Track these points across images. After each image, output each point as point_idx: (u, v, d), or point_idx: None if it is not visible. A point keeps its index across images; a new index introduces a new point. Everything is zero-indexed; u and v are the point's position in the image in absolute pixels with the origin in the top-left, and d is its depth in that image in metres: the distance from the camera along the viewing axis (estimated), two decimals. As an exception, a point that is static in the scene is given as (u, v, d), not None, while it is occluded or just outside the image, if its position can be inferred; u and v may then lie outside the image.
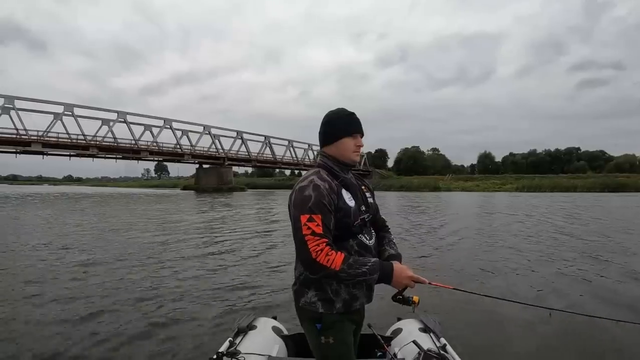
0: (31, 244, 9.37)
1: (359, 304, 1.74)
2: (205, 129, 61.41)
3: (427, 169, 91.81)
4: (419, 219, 16.29)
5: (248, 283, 5.94)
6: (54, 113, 48.70)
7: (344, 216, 1.69)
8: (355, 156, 1.80)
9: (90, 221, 15.42)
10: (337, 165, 1.77)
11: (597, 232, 11.82)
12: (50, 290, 5.38)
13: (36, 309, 4.66)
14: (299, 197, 1.66)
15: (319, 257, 1.57)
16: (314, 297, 1.70)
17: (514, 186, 61.19)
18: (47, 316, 4.42)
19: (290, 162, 73.20)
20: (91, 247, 9.00)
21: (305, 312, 1.73)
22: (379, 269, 1.65)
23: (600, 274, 6.46)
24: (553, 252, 8.40)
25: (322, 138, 1.82)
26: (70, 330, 4.02)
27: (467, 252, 8.68)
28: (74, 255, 7.93)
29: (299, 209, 1.63)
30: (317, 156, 1.86)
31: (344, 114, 1.81)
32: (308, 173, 1.76)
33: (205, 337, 3.88)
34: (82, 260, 7.46)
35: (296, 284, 1.76)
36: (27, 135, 46.76)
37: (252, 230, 12.74)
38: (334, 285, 1.68)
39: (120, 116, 53.44)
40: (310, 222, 1.59)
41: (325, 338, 1.69)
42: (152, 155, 58.47)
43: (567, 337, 3.81)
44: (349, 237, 1.71)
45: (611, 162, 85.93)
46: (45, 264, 7.09)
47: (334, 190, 1.69)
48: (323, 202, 1.63)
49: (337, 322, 1.70)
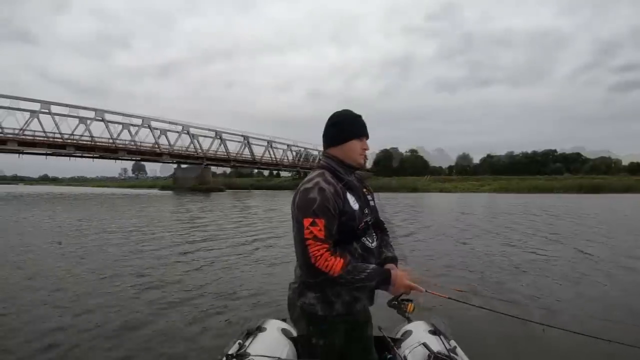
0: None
1: (360, 306, 1.76)
2: (184, 128, 61.24)
3: (405, 170, 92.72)
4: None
5: (256, 284, 6.01)
6: (31, 111, 48.14)
7: (349, 219, 1.68)
8: (361, 159, 1.80)
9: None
10: (341, 167, 1.77)
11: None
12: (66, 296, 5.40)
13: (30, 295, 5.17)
14: (303, 199, 1.64)
15: (318, 263, 1.57)
16: (314, 299, 1.70)
17: (492, 187, 61.48)
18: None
19: (270, 162, 73.30)
20: (91, 248, 9.16)
21: (302, 312, 1.73)
22: (377, 275, 1.67)
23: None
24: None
25: (328, 139, 1.81)
26: (74, 329, 4.13)
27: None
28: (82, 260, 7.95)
29: (303, 212, 1.62)
30: (319, 157, 2.14)
31: (352, 116, 1.81)
32: (312, 174, 1.73)
33: (214, 339, 3.89)
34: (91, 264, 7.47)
35: (296, 283, 1.76)
36: (3, 134, 46.25)
37: (255, 230, 12.92)
38: (336, 287, 1.68)
39: (98, 114, 53.07)
40: (313, 227, 1.59)
41: (315, 339, 1.72)
42: (130, 154, 58.10)
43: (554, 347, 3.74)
44: (353, 240, 1.71)
45: (587, 164, 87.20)
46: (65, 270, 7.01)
47: (339, 194, 1.67)
48: (327, 207, 1.62)
49: (330, 326, 1.72)
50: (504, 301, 5.13)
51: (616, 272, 7.01)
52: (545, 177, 70.67)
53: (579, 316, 4.63)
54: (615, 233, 12.35)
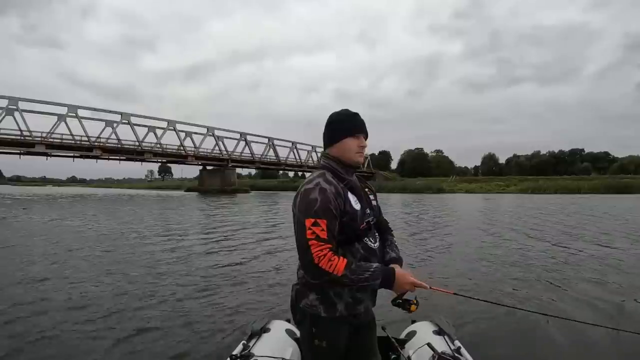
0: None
1: (362, 307, 1.73)
2: (209, 130, 61.44)
3: (430, 170, 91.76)
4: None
5: (262, 284, 5.94)
6: (58, 114, 48.72)
7: (350, 220, 1.66)
8: (358, 157, 1.76)
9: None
10: (340, 166, 1.73)
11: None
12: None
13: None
14: (304, 200, 1.62)
15: (322, 263, 1.54)
16: (316, 301, 1.68)
17: (518, 188, 60.89)
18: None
19: (294, 164, 73.11)
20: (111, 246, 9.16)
21: (304, 313, 1.71)
22: (381, 274, 1.64)
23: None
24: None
25: (325, 139, 1.79)
26: (85, 330, 4.03)
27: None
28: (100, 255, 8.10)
29: (304, 213, 1.60)
30: (320, 157, 1.82)
31: (347, 114, 1.78)
32: (313, 175, 1.72)
33: (219, 339, 3.86)
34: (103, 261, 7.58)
35: (299, 284, 1.74)
36: (31, 137, 46.75)
37: (271, 231, 12.68)
38: (337, 288, 1.65)
39: (124, 118, 53.45)
40: (315, 227, 1.57)
41: (318, 341, 1.68)
42: (156, 156, 58.50)
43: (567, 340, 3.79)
44: (354, 240, 1.69)
45: (615, 163, 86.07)
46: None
47: (341, 194, 1.65)
48: (329, 207, 1.60)
49: (333, 327, 1.69)
50: (509, 296, 5.30)
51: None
52: (572, 177, 69.87)
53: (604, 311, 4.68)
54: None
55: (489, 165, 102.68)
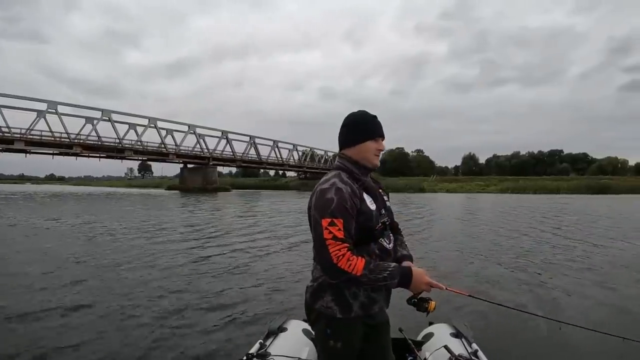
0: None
1: (377, 307, 1.75)
2: (190, 128, 61.24)
3: (412, 170, 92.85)
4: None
5: (278, 284, 6.05)
6: (37, 110, 47.93)
7: (366, 220, 1.68)
8: (376, 159, 1.80)
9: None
10: (357, 168, 1.76)
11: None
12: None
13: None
14: (320, 200, 1.64)
15: (340, 262, 1.56)
16: (332, 302, 1.69)
17: (498, 188, 61.79)
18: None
19: (275, 163, 73.31)
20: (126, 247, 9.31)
21: (320, 314, 1.73)
22: (399, 273, 1.65)
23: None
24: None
25: (343, 140, 1.81)
26: (101, 327, 4.21)
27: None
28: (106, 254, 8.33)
29: (320, 212, 1.62)
30: (334, 158, 2.08)
31: (369, 117, 1.81)
32: (328, 175, 1.74)
33: (236, 338, 3.93)
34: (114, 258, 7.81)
35: (314, 286, 1.76)
36: (10, 133, 46.20)
37: (270, 229, 13.01)
38: (353, 288, 1.68)
39: (104, 114, 52.95)
40: (332, 227, 1.59)
41: (334, 342, 1.70)
42: (137, 154, 58.06)
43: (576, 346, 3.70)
44: (370, 241, 1.71)
45: (594, 164, 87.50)
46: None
47: (356, 194, 1.67)
48: (345, 206, 1.62)
49: (348, 328, 1.71)
50: (523, 298, 5.21)
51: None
52: (552, 177, 70.98)
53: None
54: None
55: (469, 165, 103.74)
